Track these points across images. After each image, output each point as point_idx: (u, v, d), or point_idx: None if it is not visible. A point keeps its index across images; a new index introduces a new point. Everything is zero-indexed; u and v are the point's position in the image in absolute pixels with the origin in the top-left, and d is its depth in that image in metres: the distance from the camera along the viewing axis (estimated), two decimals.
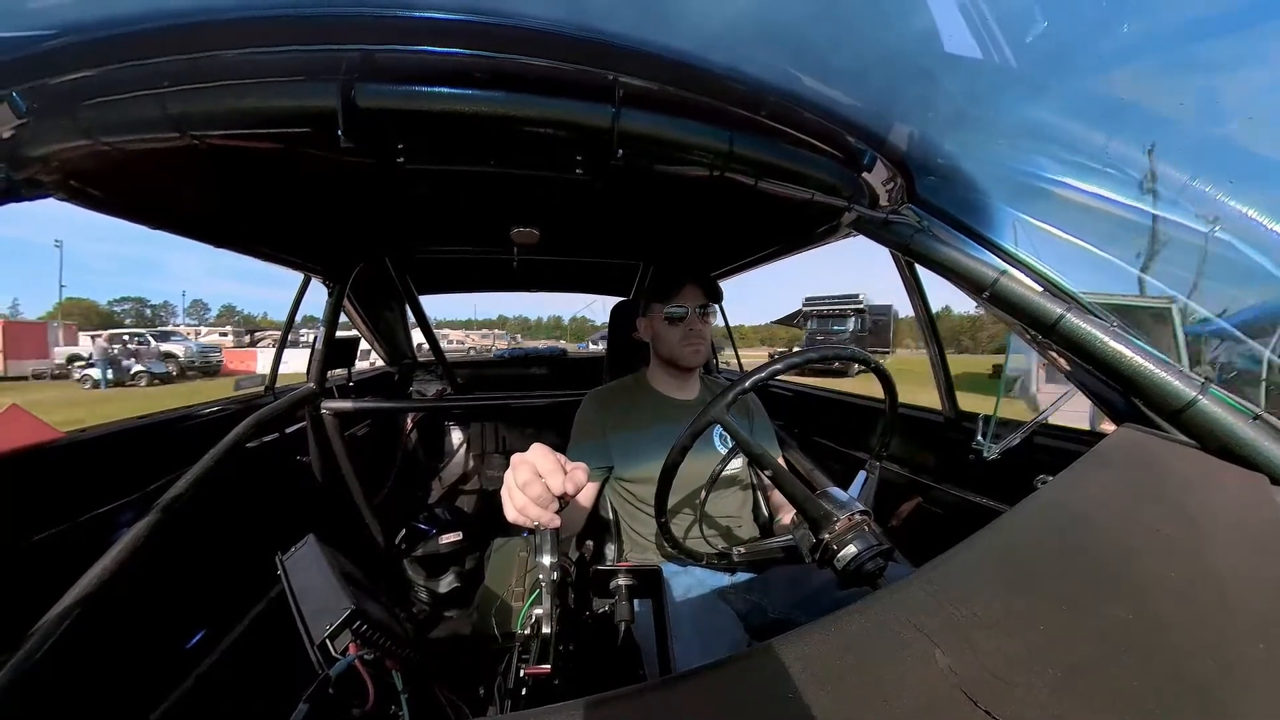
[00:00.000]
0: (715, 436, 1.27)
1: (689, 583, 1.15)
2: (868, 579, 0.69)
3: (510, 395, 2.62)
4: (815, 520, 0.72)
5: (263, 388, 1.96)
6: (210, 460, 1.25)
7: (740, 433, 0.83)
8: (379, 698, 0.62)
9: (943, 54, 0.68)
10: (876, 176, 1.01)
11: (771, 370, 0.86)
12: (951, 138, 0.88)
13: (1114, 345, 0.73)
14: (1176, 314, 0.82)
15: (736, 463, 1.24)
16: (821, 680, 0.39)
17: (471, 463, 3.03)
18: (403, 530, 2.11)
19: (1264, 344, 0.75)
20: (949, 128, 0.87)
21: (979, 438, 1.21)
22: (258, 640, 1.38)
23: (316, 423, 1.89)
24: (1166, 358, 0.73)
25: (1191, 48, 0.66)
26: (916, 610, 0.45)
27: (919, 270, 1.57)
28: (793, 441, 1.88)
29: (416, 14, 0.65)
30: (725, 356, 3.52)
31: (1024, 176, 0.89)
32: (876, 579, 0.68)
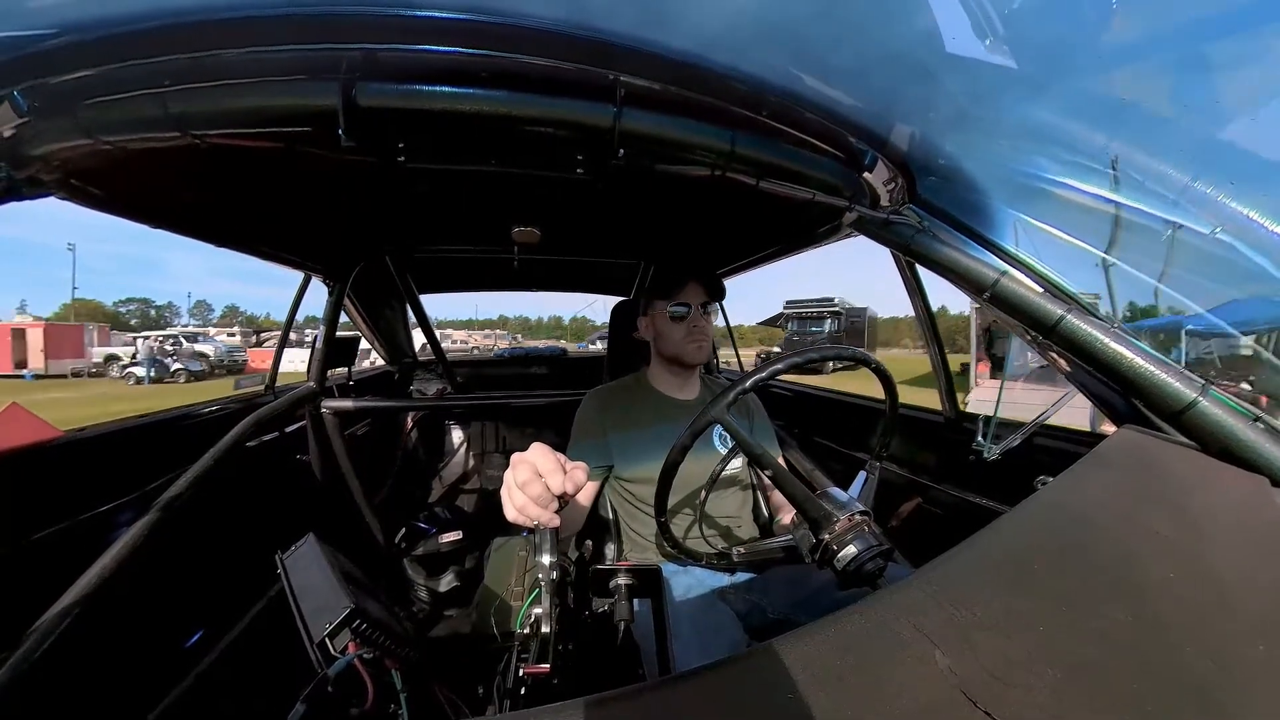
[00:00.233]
0: (715, 436, 1.27)
1: (689, 583, 1.15)
2: (867, 579, 0.69)
3: (510, 395, 2.62)
4: (815, 520, 0.72)
5: (263, 387, 1.96)
6: (210, 459, 1.25)
7: (740, 432, 0.83)
8: (378, 697, 0.62)
9: (944, 54, 0.68)
10: (878, 177, 1.01)
11: (772, 370, 0.86)
12: (953, 138, 0.88)
13: (1114, 346, 0.73)
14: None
15: (736, 463, 1.24)
16: (821, 681, 0.39)
17: (471, 462, 3.03)
18: (403, 529, 2.11)
19: (1262, 343, 0.75)
20: (950, 128, 0.87)
21: (979, 438, 1.21)
22: (257, 639, 1.38)
23: (317, 422, 1.90)
24: (1167, 359, 0.73)
25: (1194, 48, 0.66)
26: (916, 611, 0.45)
27: (920, 271, 1.57)
28: (793, 441, 1.88)
29: (417, 13, 0.65)
30: (725, 356, 3.52)
31: (1025, 177, 0.88)
32: (876, 579, 0.68)
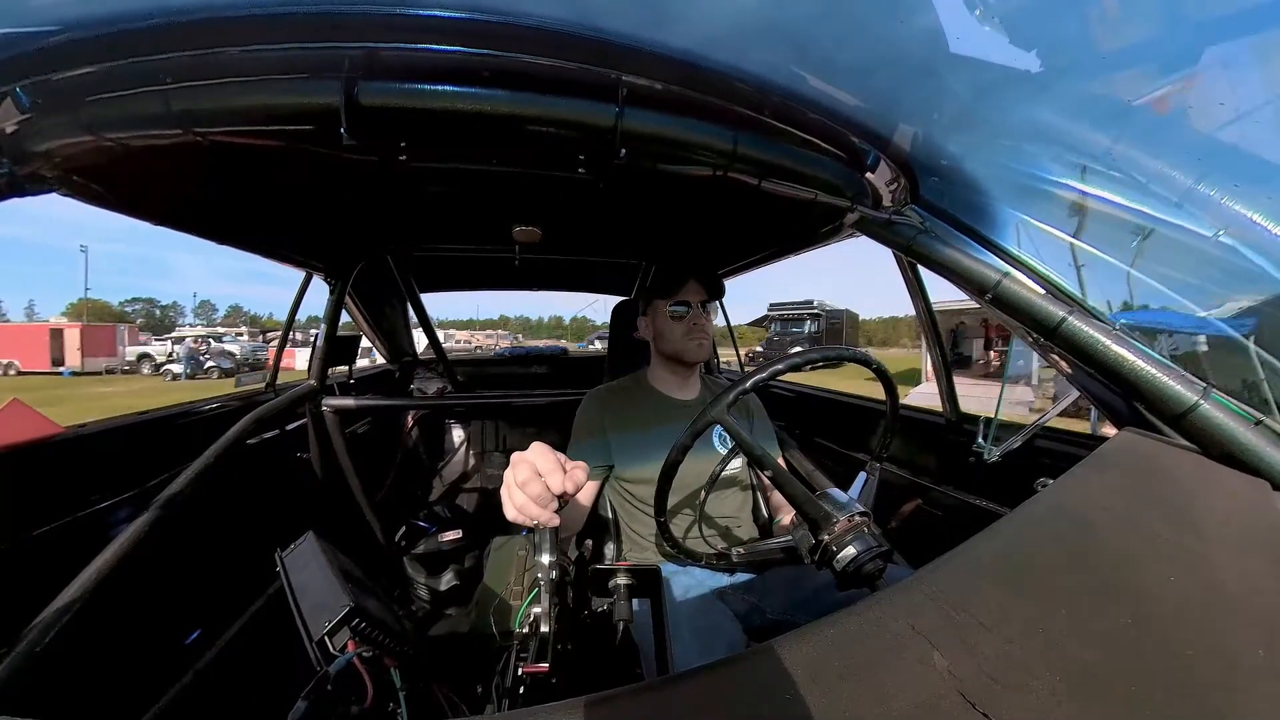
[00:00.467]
0: (715, 437, 1.27)
1: (688, 583, 1.15)
2: (867, 580, 0.69)
3: (511, 394, 2.62)
4: (815, 521, 0.72)
5: (263, 384, 1.96)
6: (211, 456, 1.26)
7: (741, 433, 0.83)
8: (377, 695, 0.62)
9: (948, 54, 0.68)
10: (880, 177, 1.01)
11: (773, 370, 0.85)
12: (956, 139, 0.88)
13: (1116, 349, 0.73)
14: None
15: (736, 463, 1.23)
16: (819, 681, 0.39)
17: (472, 461, 3.03)
18: (402, 528, 2.11)
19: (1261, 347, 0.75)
20: (953, 129, 0.86)
21: (980, 440, 1.21)
22: (257, 637, 1.38)
23: (317, 420, 1.90)
24: (1169, 362, 0.72)
25: (1197, 49, 0.66)
26: (915, 612, 0.45)
27: (922, 272, 1.56)
28: (793, 442, 1.88)
29: (419, 12, 0.65)
30: (726, 356, 3.52)
31: (1028, 179, 0.88)
32: (875, 580, 0.68)
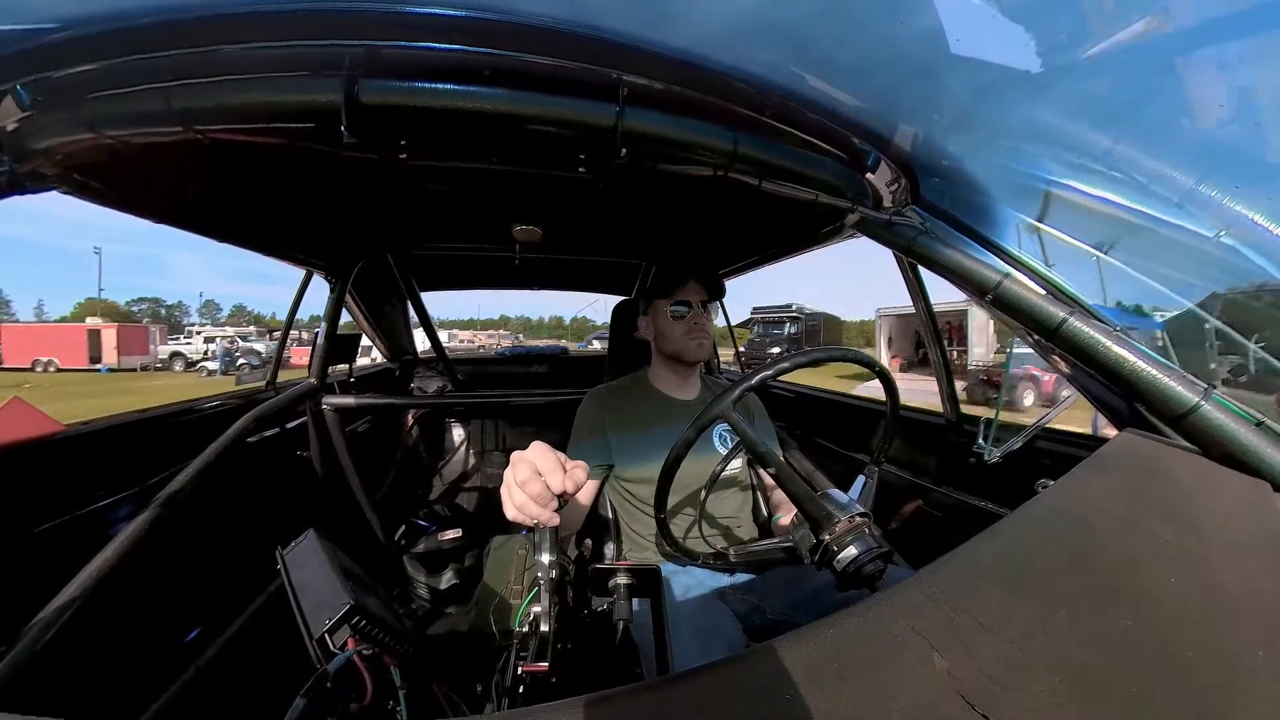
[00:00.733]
0: (715, 437, 1.27)
1: (688, 583, 1.15)
2: (867, 581, 0.68)
3: (511, 393, 2.62)
4: (816, 520, 0.72)
5: (264, 382, 1.96)
6: (211, 454, 1.26)
7: (746, 428, 0.83)
8: (377, 693, 0.62)
9: (948, 54, 0.68)
10: (880, 178, 1.01)
11: (778, 369, 0.85)
12: (956, 139, 0.87)
13: (1117, 350, 0.73)
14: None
15: (736, 463, 1.24)
16: (819, 682, 0.39)
17: (472, 460, 3.03)
18: (403, 526, 2.11)
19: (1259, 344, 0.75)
20: (954, 129, 0.86)
21: (980, 441, 1.21)
22: (257, 634, 1.38)
23: (317, 418, 1.90)
24: (1170, 363, 0.72)
25: (1199, 49, 0.66)
26: (915, 613, 0.45)
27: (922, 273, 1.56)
28: (793, 443, 1.88)
29: (420, 10, 0.65)
30: (725, 356, 3.52)
31: (1029, 179, 0.88)
32: (875, 581, 0.68)
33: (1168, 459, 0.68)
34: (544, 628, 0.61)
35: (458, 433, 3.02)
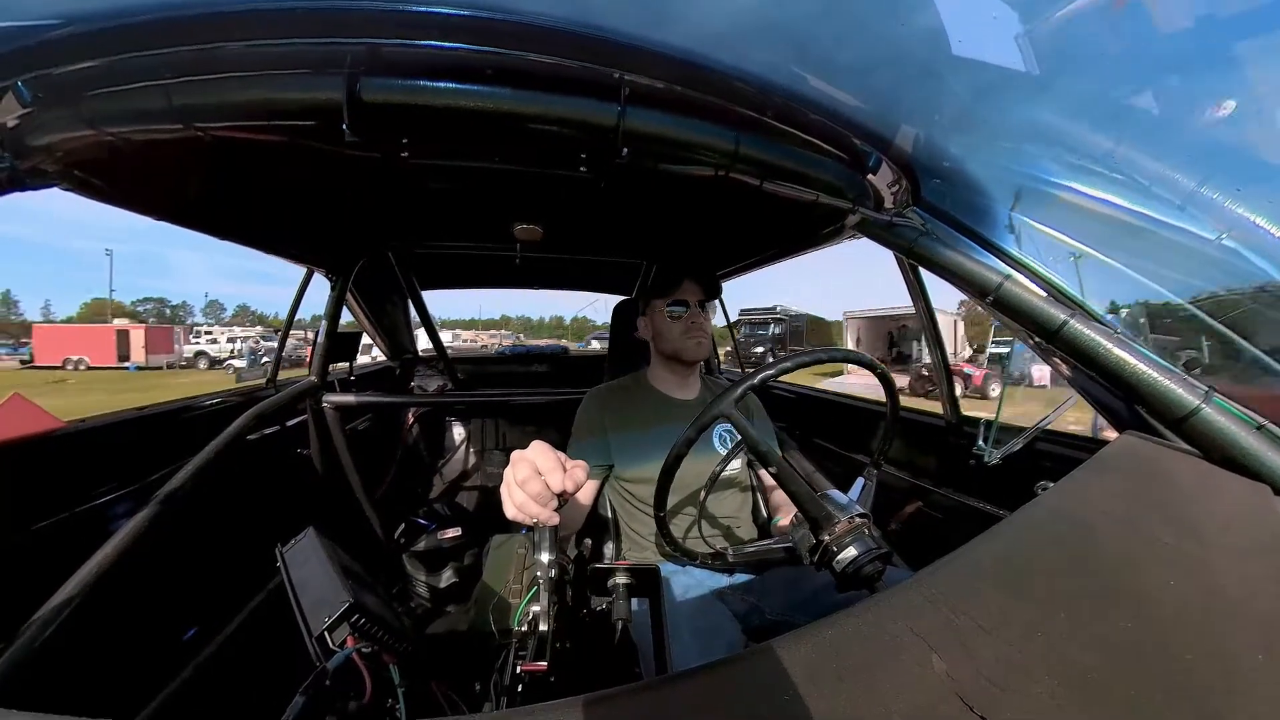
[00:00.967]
0: (715, 437, 1.27)
1: (687, 583, 1.15)
2: (866, 582, 0.68)
3: (511, 392, 2.62)
4: (815, 521, 0.72)
5: (264, 380, 1.96)
6: (211, 452, 1.26)
7: (747, 427, 0.83)
8: (376, 691, 0.62)
9: (950, 55, 0.68)
10: (881, 179, 1.01)
11: (780, 368, 0.85)
12: (958, 140, 0.87)
13: (1117, 352, 0.73)
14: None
15: (736, 464, 1.24)
16: (818, 682, 0.39)
17: (472, 459, 3.03)
18: (402, 525, 2.12)
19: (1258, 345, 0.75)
20: (955, 130, 0.86)
21: (980, 443, 1.21)
22: (256, 632, 1.38)
23: (317, 416, 1.90)
24: (1170, 365, 0.72)
25: (1202, 50, 0.66)
26: (914, 614, 0.45)
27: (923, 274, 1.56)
28: (793, 443, 1.88)
29: (422, 8, 0.65)
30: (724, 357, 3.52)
31: (1030, 181, 0.88)
32: (875, 582, 0.68)
33: (1168, 462, 0.68)
34: (543, 627, 0.61)
35: (458, 431, 3.02)
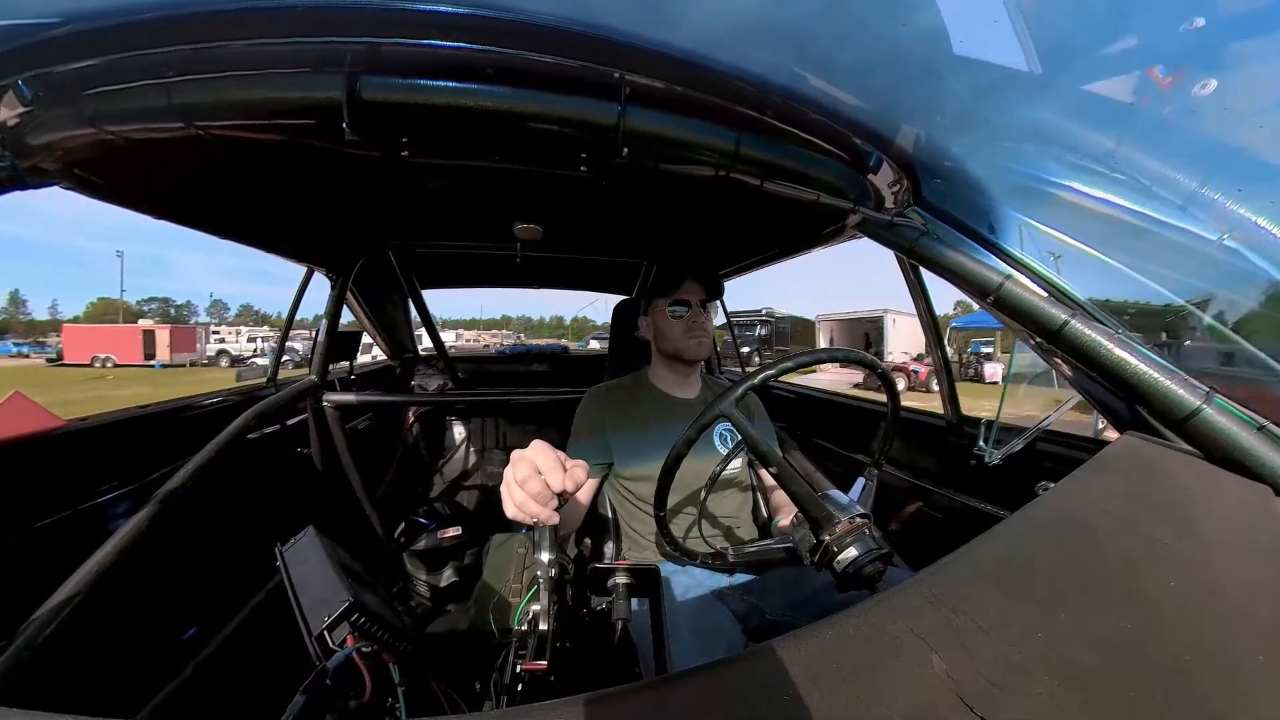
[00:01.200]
0: (715, 437, 1.27)
1: (687, 583, 1.15)
2: (866, 582, 0.68)
3: (512, 391, 2.62)
4: (816, 521, 0.72)
5: (265, 379, 1.96)
6: (211, 451, 1.26)
7: (748, 427, 0.83)
8: (376, 690, 0.62)
9: (950, 55, 0.67)
10: (882, 179, 1.01)
11: (781, 368, 0.85)
12: (959, 140, 0.87)
13: (1118, 352, 0.73)
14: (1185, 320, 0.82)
15: (736, 464, 1.23)
16: (818, 683, 0.39)
17: (472, 458, 3.03)
18: (402, 524, 2.12)
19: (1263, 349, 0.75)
20: (956, 130, 0.86)
21: (980, 443, 1.20)
22: (256, 631, 1.38)
23: (318, 415, 1.90)
24: (1171, 366, 0.72)
25: (1203, 50, 0.66)
26: (914, 614, 0.45)
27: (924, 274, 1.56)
28: (793, 443, 1.88)
29: (422, 7, 0.65)
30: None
31: (1031, 181, 0.88)
32: (875, 582, 0.68)
33: (1169, 462, 0.68)
34: (543, 626, 0.61)
35: (458, 431, 3.02)
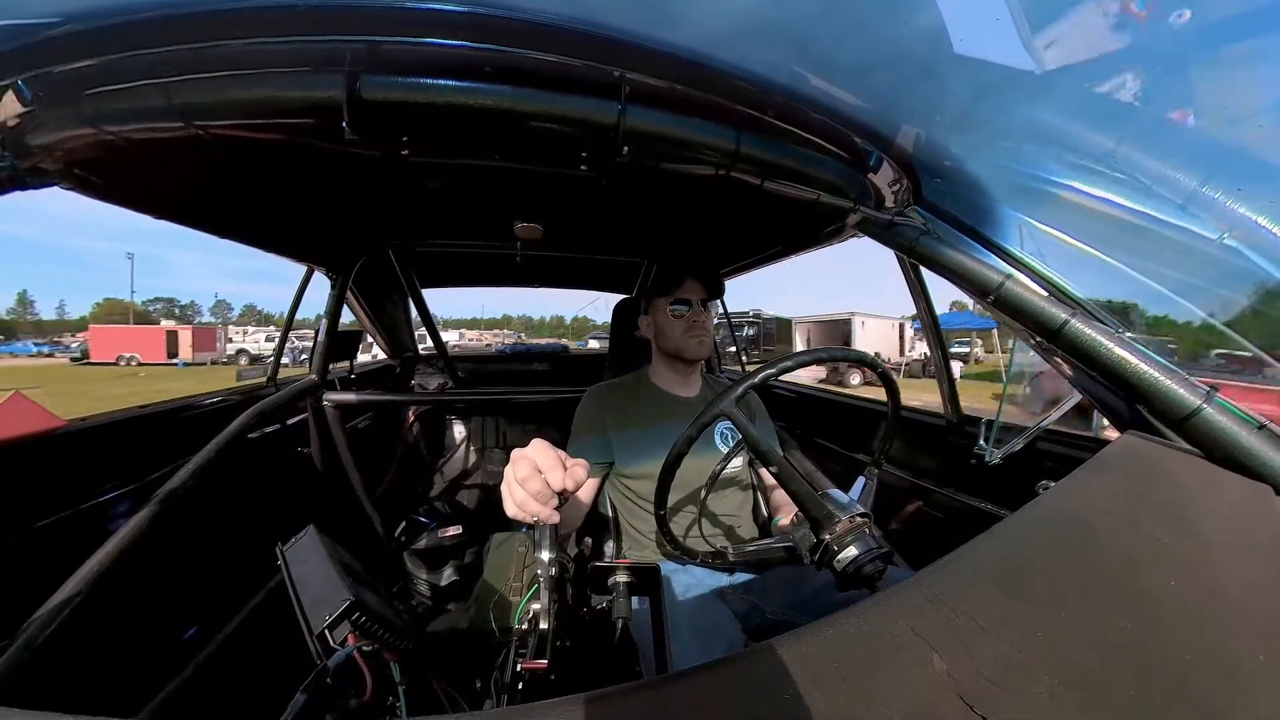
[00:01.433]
0: (716, 436, 1.27)
1: (687, 582, 1.15)
2: (866, 581, 0.68)
3: (512, 390, 2.62)
4: (816, 520, 0.72)
5: (265, 378, 1.96)
6: (212, 450, 1.26)
7: (748, 426, 0.82)
8: (376, 689, 0.62)
9: (951, 54, 0.67)
10: (882, 178, 1.01)
11: (782, 366, 0.85)
12: (959, 140, 0.87)
13: (1119, 352, 0.73)
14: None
15: (737, 462, 1.23)
16: (818, 682, 0.39)
17: (472, 457, 3.03)
18: (403, 523, 2.12)
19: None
20: (956, 130, 0.86)
21: (981, 442, 1.20)
22: (257, 630, 1.39)
23: (318, 414, 1.90)
24: (1172, 365, 0.72)
25: (1204, 50, 0.66)
26: (914, 614, 0.45)
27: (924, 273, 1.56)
28: (793, 443, 1.88)
29: (422, 6, 0.65)
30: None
31: (1031, 180, 0.88)
32: (875, 582, 0.68)
33: (1169, 461, 0.68)
34: (543, 625, 0.61)
35: (458, 430, 3.02)
